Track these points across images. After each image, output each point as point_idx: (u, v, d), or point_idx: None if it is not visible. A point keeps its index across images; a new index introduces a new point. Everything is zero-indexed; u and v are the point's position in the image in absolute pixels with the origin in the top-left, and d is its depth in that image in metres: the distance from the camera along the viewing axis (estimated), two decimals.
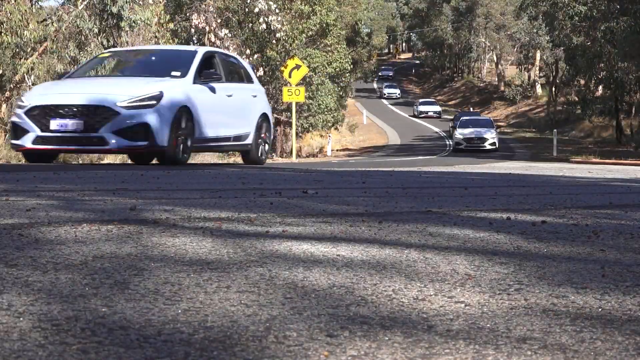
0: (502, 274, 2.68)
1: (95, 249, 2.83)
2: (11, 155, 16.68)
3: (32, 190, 5.36)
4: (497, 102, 78.73)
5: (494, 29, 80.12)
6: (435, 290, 2.38)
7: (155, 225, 3.53)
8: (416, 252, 3.07)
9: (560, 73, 58.48)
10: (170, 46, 19.08)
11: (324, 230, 3.61)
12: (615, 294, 2.39)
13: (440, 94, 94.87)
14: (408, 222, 4.03)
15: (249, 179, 7.57)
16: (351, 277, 2.53)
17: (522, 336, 1.89)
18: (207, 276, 2.45)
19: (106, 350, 1.65)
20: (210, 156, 22.46)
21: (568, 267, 2.83)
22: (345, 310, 2.09)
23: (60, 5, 26.28)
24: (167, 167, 10.50)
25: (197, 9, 29.20)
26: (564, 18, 42.39)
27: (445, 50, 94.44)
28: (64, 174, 7.70)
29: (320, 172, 10.54)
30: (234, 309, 2.05)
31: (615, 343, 1.87)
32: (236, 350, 1.70)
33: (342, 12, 51.85)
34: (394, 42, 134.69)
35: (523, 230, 3.82)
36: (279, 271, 2.58)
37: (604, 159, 30.32)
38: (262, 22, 29.28)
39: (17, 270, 2.41)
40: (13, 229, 3.26)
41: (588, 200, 6.03)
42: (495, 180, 9.65)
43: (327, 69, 37.41)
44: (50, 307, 1.98)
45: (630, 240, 3.56)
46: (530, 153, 40.78)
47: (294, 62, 29.39)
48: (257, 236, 3.32)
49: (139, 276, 2.40)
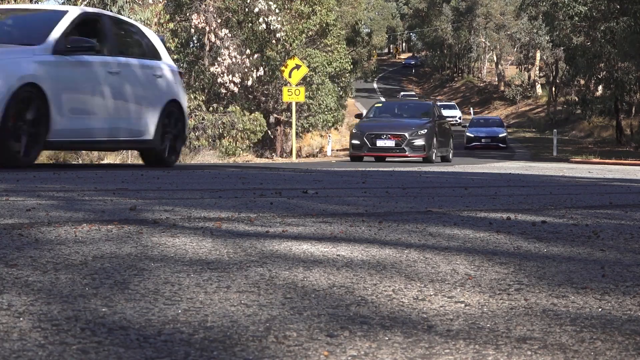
0: (502, 274, 2.68)
1: (95, 249, 2.83)
2: None
3: (32, 190, 5.36)
4: (497, 102, 78.74)
5: (494, 29, 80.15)
6: (435, 290, 2.38)
7: (155, 225, 3.53)
8: (416, 252, 3.07)
9: (560, 73, 58.49)
10: (37, 6, 15.53)
11: (324, 230, 3.61)
12: (615, 294, 2.39)
13: (441, 94, 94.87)
14: (408, 222, 4.03)
15: (249, 179, 7.57)
16: (351, 277, 2.53)
17: (522, 336, 1.89)
18: (207, 276, 2.45)
19: (106, 350, 1.65)
20: (210, 156, 22.47)
21: (568, 267, 2.83)
22: (345, 310, 2.09)
23: (60, 5, 26.26)
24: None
25: (197, 9, 29.20)
26: (564, 18, 42.38)
27: (445, 50, 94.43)
28: (64, 174, 7.70)
29: (320, 172, 10.54)
30: (234, 309, 2.05)
31: (615, 343, 1.87)
32: (236, 350, 1.70)
33: (342, 12, 51.84)
34: (394, 42, 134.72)
35: (523, 230, 3.82)
36: (279, 271, 2.58)
37: (604, 159, 30.33)
38: (262, 22, 29.28)
39: (17, 270, 2.41)
40: (13, 229, 3.26)
41: (588, 200, 6.03)
42: (495, 180, 9.65)
43: (327, 69, 37.39)
44: (50, 307, 1.98)
45: (630, 240, 3.56)
46: (530, 153, 40.79)
47: (294, 62, 29.39)
48: (257, 236, 3.32)
49: (139, 276, 2.40)
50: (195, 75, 30.60)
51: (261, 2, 28.90)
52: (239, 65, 28.53)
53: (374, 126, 21.82)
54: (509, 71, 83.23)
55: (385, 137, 21.13)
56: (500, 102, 77.73)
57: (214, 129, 27.23)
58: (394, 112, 23.48)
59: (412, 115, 22.72)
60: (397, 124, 21.92)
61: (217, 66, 28.40)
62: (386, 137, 21.13)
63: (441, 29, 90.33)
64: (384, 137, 21.15)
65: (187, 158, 22.94)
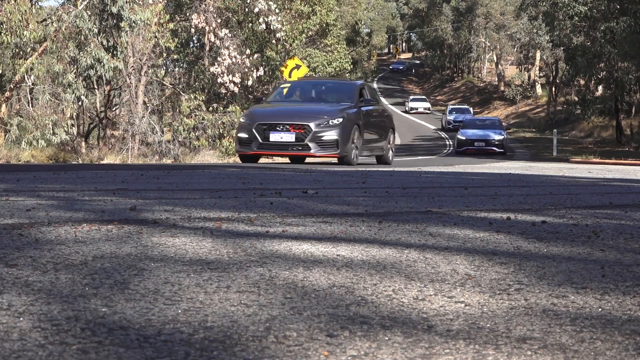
0: (502, 274, 2.68)
1: (95, 249, 2.83)
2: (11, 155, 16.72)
3: (32, 190, 5.35)
4: (497, 102, 78.74)
5: (494, 29, 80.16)
6: (435, 290, 2.38)
7: (155, 225, 3.52)
8: (416, 252, 3.07)
9: (560, 73, 58.50)
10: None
11: (324, 230, 3.61)
12: (615, 294, 2.39)
13: (441, 94, 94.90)
14: (408, 222, 4.02)
15: (249, 179, 7.57)
16: (351, 277, 2.53)
17: (522, 336, 1.89)
18: (207, 276, 2.45)
19: (106, 350, 1.65)
20: (210, 156, 22.47)
21: (568, 267, 2.83)
22: (345, 310, 2.09)
23: (60, 5, 26.32)
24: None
25: (197, 9, 29.21)
26: (564, 18, 42.39)
27: (445, 50, 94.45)
28: (64, 174, 7.70)
29: (320, 172, 10.54)
30: (234, 309, 2.05)
31: (615, 343, 1.86)
32: (236, 350, 1.70)
33: (342, 12, 51.86)
34: (394, 42, 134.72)
35: (523, 230, 3.82)
36: (279, 271, 2.57)
37: (604, 159, 30.33)
38: (262, 22, 29.28)
39: (17, 270, 2.41)
40: (13, 229, 3.26)
41: (588, 200, 6.03)
42: (495, 180, 9.65)
43: (327, 69, 37.40)
44: (50, 307, 1.98)
45: (630, 240, 3.56)
46: (530, 153, 40.79)
47: (294, 62, 29.39)
48: (257, 236, 3.32)
49: (139, 276, 2.40)
50: (195, 75, 30.61)
51: (261, 2, 28.91)
52: (239, 65, 28.52)
53: (270, 113, 15.40)
54: (509, 71, 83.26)
55: (282, 129, 14.65)
56: (500, 102, 77.74)
57: (214, 129, 27.23)
58: (307, 94, 16.89)
59: (330, 99, 16.33)
60: (302, 110, 15.59)
61: (217, 66, 28.40)
62: (283, 128, 14.65)
63: (441, 29, 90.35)
64: (281, 128, 14.66)
65: (187, 158, 22.96)
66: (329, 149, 14.75)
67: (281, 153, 15.32)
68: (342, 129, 14.79)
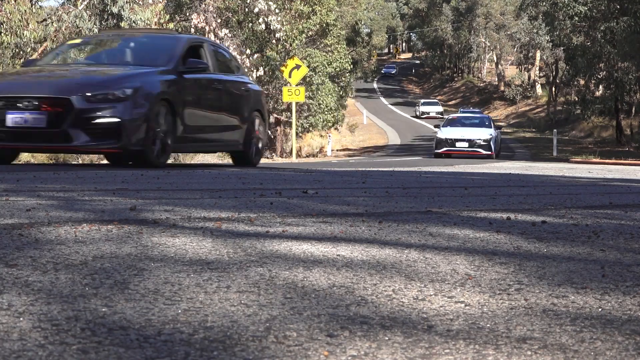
0: (502, 274, 2.68)
1: (95, 249, 2.83)
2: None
3: (32, 190, 5.36)
4: (497, 102, 78.78)
5: (494, 29, 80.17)
6: (435, 290, 2.38)
7: (155, 225, 3.53)
8: (416, 252, 3.07)
9: (560, 73, 58.48)
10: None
11: (324, 230, 3.61)
12: (615, 294, 2.39)
13: (440, 94, 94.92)
14: (408, 222, 4.02)
15: (249, 179, 7.58)
16: (351, 277, 2.53)
17: (522, 336, 1.89)
18: (207, 276, 2.45)
19: (106, 350, 1.65)
20: (210, 156, 22.47)
21: (568, 267, 2.83)
22: (345, 310, 2.09)
23: (60, 5, 26.30)
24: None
25: (197, 9, 29.21)
26: (564, 18, 42.39)
27: (445, 50, 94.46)
28: (64, 174, 7.70)
29: (320, 172, 10.54)
30: (234, 309, 2.05)
31: (615, 343, 1.86)
32: (236, 350, 1.70)
33: (342, 12, 51.87)
34: (394, 42, 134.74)
35: (523, 230, 3.82)
36: (279, 271, 2.58)
37: (604, 159, 30.32)
38: (261, 22, 29.29)
39: (17, 270, 2.41)
40: (13, 229, 3.26)
41: (588, 200, 6.03)
42: (495, 180, 9.65)
43: (327, 69, 37.41)
44: (50, 307, 1.98)
45: (630, 240, 3.56)
46: (530, 153, 40.80)
47: (294, 62, 29.40)
48: (257, 236, 3.32)
49: (139, 276, 2.40)
50: None
51: (261, 2, 28.90)
52: None
53: (14, 82, 10.07)
54: (509, 71, 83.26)
55: (28, 106, 9.25)
56: (500, 102, 77.77)
57: None
58: (103, 55, 11.50)
59: (137, 61, 10.82)
60: (68, 77, 10.04)
61: None
62: (29, 105, 9.25)
63: (441, 29, 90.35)
64: (26, 105, 9.26)
65: (187, 158, 22.95)
66: (104, 139, 9.35)
67: (21, 146, 9.98)
68: (132, 106, 9.45)
